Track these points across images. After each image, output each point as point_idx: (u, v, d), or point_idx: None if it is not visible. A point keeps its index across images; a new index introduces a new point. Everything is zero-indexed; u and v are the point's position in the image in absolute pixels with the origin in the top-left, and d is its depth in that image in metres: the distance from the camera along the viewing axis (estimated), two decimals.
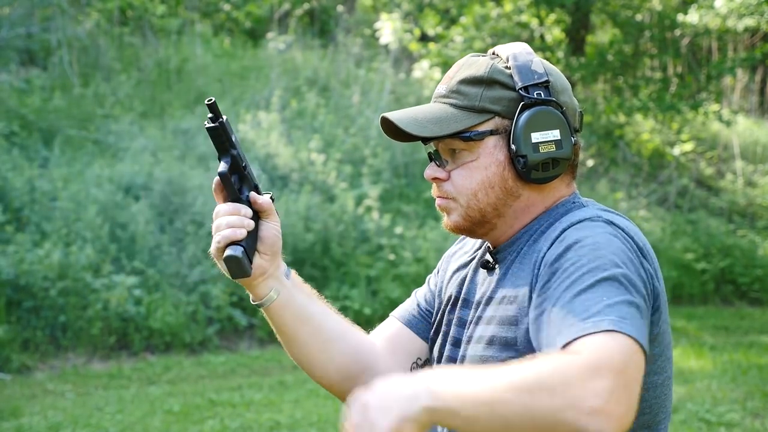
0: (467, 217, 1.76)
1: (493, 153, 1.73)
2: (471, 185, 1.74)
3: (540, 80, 1.72)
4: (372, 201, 9.68)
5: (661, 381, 1.70)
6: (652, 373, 1.67)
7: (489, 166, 1.73)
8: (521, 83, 1.71)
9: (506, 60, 1.75)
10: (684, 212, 11.99)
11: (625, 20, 12.68)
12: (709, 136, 13.75)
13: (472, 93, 1.73)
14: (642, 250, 1.64)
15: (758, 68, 15.26)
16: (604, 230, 1.63)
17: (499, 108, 1.72)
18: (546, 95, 1.72)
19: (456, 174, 1.76)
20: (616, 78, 12.88)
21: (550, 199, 1.77)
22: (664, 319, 1.67)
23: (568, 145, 1.73)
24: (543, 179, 1.73)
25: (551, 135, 1.71)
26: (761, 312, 10.17)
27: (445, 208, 1.79)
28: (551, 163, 1.72)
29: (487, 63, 1.75)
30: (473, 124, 1.72)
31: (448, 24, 13.70)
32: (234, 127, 10.23)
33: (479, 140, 1.72)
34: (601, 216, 1.67)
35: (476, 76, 1.74)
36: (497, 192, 1.74)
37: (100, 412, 6.25)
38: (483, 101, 1.72)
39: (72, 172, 8.91)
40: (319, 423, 6.06)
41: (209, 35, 13.09)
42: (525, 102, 1.71)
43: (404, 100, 11.85)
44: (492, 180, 1.73)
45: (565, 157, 1.72)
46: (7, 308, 7.49)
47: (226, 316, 8.21)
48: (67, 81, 10.62)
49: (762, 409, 6.33)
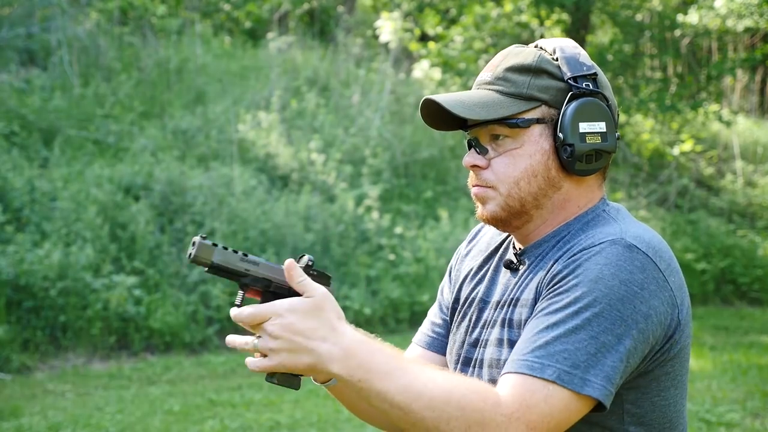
0: (506, 206, 1.74)
1: (538, 141, 1.72)
2: (514, 173, 1.72)
3: (589, 72, 1.72)
4: (372, 201, 9.68)
5: (681, 395, 1.72)
6: (672, 387, 1.68)
7: (534, 154, 1.72)
8: (570, 73, 1.71)
9: (553, 52, 1.75)
10: (684, 212, 11.99)
11: (625, 20, 12.68)
12: (709, 136, 13.75)
13: (519, 80, 1.73)
14: (665, 272, 1.63)
15: (758, 69, 15.26)
16: (620, 257, 1.61)
17: (546, 97, 1.72)
18: (594, 87, 1.72)
19: (498, 162, 1.74)
20: (616, 78, 12.87)
21: (584, 198, 1.76)
22: (685, 340, 1.68)
23: (613, 138, 1.73)
24: (586, 171, 1.72)
25: (598, 126, 1.71)
26: (761, 312, 10.17)
27: (482, 198, 1.76)
28: (595, 155, 1.72)
29: (535, 53, 1.75)
30: (520, 111, 1.71)
31: (448, 24, 13.70)
32: (234, 127, 10.26)
33: (525, 128, 1.71)
34: (624, 237, 1.64)
35: (524, 65, 1.73)
36: (539, 181, 1.72)
37: (100, 412, 6.25)
38: (531, 89, 1.72)
39: (72, 172, 8.91)
40: (319, 423, 6.06)
41: (209, 35, 13.09)
42: (574, 92, 1.71)
43: (404, 100, 11.85)
44: (536, 168, 1.72)
45: (610, 149, 1.72)
46: (7, 308, 7.49)
47: (226, 316, 8.21)
48: (67, 81, 10.62)
49: (762, 409, 6.33)
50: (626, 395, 1.64)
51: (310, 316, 1.55)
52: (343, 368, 1.54)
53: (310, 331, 1.54)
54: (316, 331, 1.54)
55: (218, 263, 1.62)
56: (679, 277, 1.68)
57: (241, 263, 1.64)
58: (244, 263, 1.64)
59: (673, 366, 1.66)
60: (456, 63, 12.62)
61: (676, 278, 1.66)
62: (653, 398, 1.66)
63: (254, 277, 1.64)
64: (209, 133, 10.19)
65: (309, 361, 1.54)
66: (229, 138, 10.13)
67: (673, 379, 1.67)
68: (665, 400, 1.67)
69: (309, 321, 1.55)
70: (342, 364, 1.54)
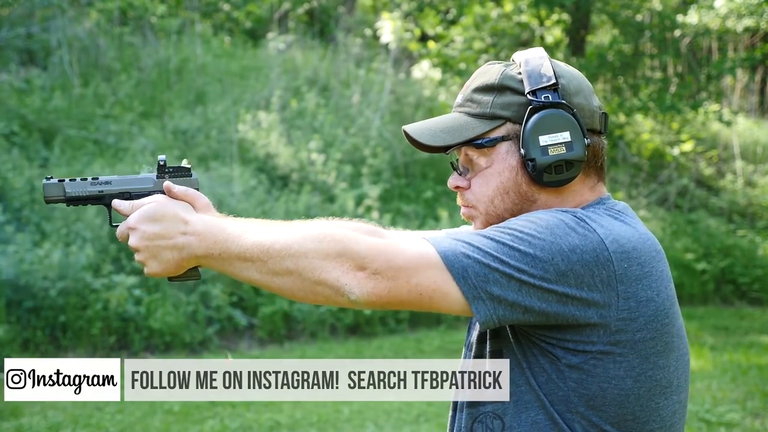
0: (488, 224, 1.78)
1: (506, 159, 1.74)
2: (488, 192, 1.76)
3: (548, 83, 1.72)
4: (372, 201, 9.68)
5: (650, 391, 1.69)
6: (628, 377, 1.66)
7: (502, 171, 1.75)
8: (529, 87, 1.72)
9: (519, 65, 1.76)
10: (684, 212, 11.99)
11: (625, 20, 12.67)
12: (709, 136, 13.75)
13: (483, 100, 1.75)
14: (625, 254, 1.64)
15: (758, 68, 15.26)
16: (555, 215, 1.66)
17: (509, 113, 1.74)
18: (554, 98, 1.72)
19: (474, 182, 1.78)
20: (616, 78, 12.87)
21: (570, 203, 1.77)
22: (638, 335, 1.65)
23: (580, 147, 1.72)
24: (556, 182, 1.73)
25: (560, 137, 1.71)
26: (761, 312, 10.17)
27: (469, 217, 1.82)
28: (564, 166, 1.72)
29: (499, 70, 1.77)
30: (485, 131, 1.74)
31: (447, 24, 13.70)
32: (234, 127, 10.26)
33: (492, 147, 1.74)
34: (576, 212, 1.68)
35: (488, 84, 1.76)
36: (513, 197, 1.75)
37: (100, 412, 6.25)
38: (494, 108, 1.74)
39: (72, 172, 8.91)
40: (319, 423, 6.06)
41: (209, 35, 13.09)
42: (533, 106, 1.71)
43: (404, 100, 11.85)
44: (506, 185, 1.75)
45: (578, 158, 1.72)
46: (7, 308, 7.49)
47: (226, 316, 8.21)
48: (67, 81, 10.62)
49: (762, 409, 6.33)
50: (569, 373, 1.65)
51: (158, 218, 1.72)
52: (205, 249, 1.70)
53: (164, 231, 1.72)
54: (168, 229, 1.72)
55: (71, 195, 1.76)
56: (649, 282, 1.66)
57: (93, 187, 1.78)
58: (96, 186, 1.78)
59: (622, 356, 1.65)
60: (456, 63, 12.62)
61: (638, 268, 1.65)
62: (601, 383, 1.65)
63: (111, 194, 1.78)
64: (209, 133, 10.19)
65: (176, 257, 1.72)
66: (229, 138, 10.13)
67: (628, 370, 1.66)
68: (619, 389, 1.66)
69: (158, 224, 1.72)
70: (202, 246, 1.70)
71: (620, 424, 1.68)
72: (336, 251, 1.62)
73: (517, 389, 1.71)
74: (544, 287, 1.61)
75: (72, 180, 1.77)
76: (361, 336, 8.54)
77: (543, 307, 1.62)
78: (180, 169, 1.82)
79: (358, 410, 6.29)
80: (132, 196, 1.79)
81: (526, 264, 1.60)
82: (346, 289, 1.62)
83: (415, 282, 1.62)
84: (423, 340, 8.36)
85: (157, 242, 1.72)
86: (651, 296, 1.66)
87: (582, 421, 1.67)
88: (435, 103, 12.06)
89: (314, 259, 1.62)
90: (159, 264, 1.73)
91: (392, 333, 8.59)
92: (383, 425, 6.00)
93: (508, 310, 1.62)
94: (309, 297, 1.66)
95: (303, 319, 8.43)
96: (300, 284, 1.64)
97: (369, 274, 1.62)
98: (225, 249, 1.68)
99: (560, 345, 1.65)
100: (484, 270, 1.61)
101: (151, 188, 1.81)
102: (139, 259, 1.74)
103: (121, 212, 1.78)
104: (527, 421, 1.69)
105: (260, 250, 1.65)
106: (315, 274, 1.63)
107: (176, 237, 1.71)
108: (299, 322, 8.47)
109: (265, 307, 8.29)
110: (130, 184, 1.79)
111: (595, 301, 1.62)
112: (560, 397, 1.67)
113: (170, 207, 1.74)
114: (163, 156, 1.81)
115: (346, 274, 1.62)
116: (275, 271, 1.65)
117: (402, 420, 6.10)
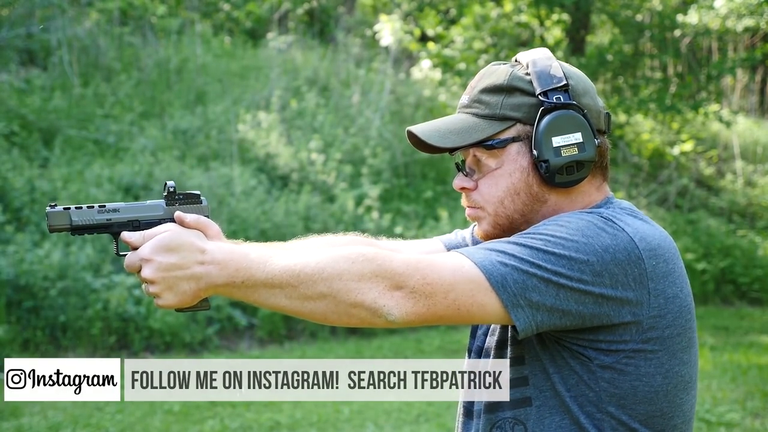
0: (496, 225, 1.77)
1: (516, 159, 1.74)
2: (497, 193, 1.76)
3: (559, 84, 1.72)
4: (372, 201, 9.68)
5: (677, 388, 1.71)
6: (658, 375, 1.68)
7: (513, 172, 1.74)
8: (540, 88, 1.72)
9: (526, 66, 1.76)
10: (684, 212, 11.99)
11: (625, 20, 12.67)
12: (709, 136, 13.75)
13: (492, 101, 1.75)
14: (653, 252, 1.65)
15: (758, 68, 15.26)
16: (581, 216, 1.67)
17: (520, 115, 1.73)
18: (566, 99, 1.72)
19: (483, 183, 1.77)
20: (616, 78, 12.87)
21: (579, 203, 1.77)
22: (667, 332, 1.68)
23: (591, 147, 1.73)
24: (568, 183, 1.73)
25: (573, 138, 1.72)
26: (761, 312, 10.17)
27: (475, 218, 1.81)
28: (575, 166, 1.73)
29: (506, 71, 1.76)
30: (495, 132, 1.74)
31: (447, 24, 13.70)
32: (234, 127, 10.26)
33: (502, 148, 1.74)
34: (602, 212, 1.69)
35: (496, 85, 1.75)
36: (523, 198, 1.75)
37: (100, 412, 6.25)
38: (504, 109, 1.74)
39: (72, 172, 8.92)
40: (319, 423, 6.06)
41: (209, 35, 13.09)
42: (545, 107, 1.71)
43: (404, 101, 11.85)
44: (517, 186, 1.75)
45: (589, 159, 1.73)
46: (7, 308, 7.49)
47: (226, 316, 8.22)
48: (67, 81, 10.62)
49: (762, 409, 6.33)
50: (601, 373, 1.66)
51: (174, 248, 1.62)
52: (226, 278, 1.61)
53: (181, 262, 1.62)
54: (185, 259, 1.62)
55: (78, 224, 1.65)
56: (674, 279, 1.68)
57: (100, 215, 1.67)
58: (103, 214, 1.67)
59: (653, 353, 1.66)
60: (456, 63, 12.62)
61: (665, 281, 1.66)
62: (633, 382, 1.66)
63: (119, 223, 1.68)
64: (209, 133, 10.19)
65: (193, 287, 1.63)
66: (229, 138, 10.13)
67: (657, 366, 1.67)
68: (649, 387, 1.67)
69: (174, 254, 1.62)
70: (223, 275, 1.61)
71: (648, 421, 1.69)
72: (371, 271, 1.58)
73: (540, 394, 1.70)
74: (581, 289, 1.61)
75: (78, 208, 1.67)
76: (361, 336, 8.54)
77: (580, 309, 1.62)
78: (190, 196, 1.73)
79: (358, 410, 6.29)
80: (141, 224, 1.70)
81: (563, 267, 1.60)
82: (384, 310, 1.58)
83: (453, 297, 1.60)
84: (423, 340, 8.36)
85: (174, 273, 1.62)
86: (676, 293, 1.68)
87: (611, 420, 1.67)
88: (435, 103, 12.06)
89: (349, 281, 1.58)
90: (175, 296, 1.64)
91: (392, 333, 8.59)
92: (383, 425, 6.00)
93: (546, 316, 1.61)
94: (343, 320, 1.61)
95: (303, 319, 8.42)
96: (334, 308, 1.60)
97: (406, 293, 1.58)
98: (249, 276, 1.60)
99: (592, 346, 1.66)
100: (522, 277, 1.60)
101: (161, 216, 1.72)
102: (153, 291, 1.64)
103: (132, 244, 1.67)
104: (551, 426, 1.69)
105: (290, 275, 1.59)
106: (351, 296, 1.58)
107: (193, 267, 1.62)
108: (299, 322, 8.47)
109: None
110: (138, 211, 1.70)
111: (629, 299, 1.63)
112: (590, 399, 1.67)
113: (185, 236, 1.64)
114: (172, 182, 1.73)
115: (383, 295, 1.58)
116: (307, 295, 1.60)
117: (402, 420, 6.10)
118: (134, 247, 1.66)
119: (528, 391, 1.71)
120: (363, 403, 6.36)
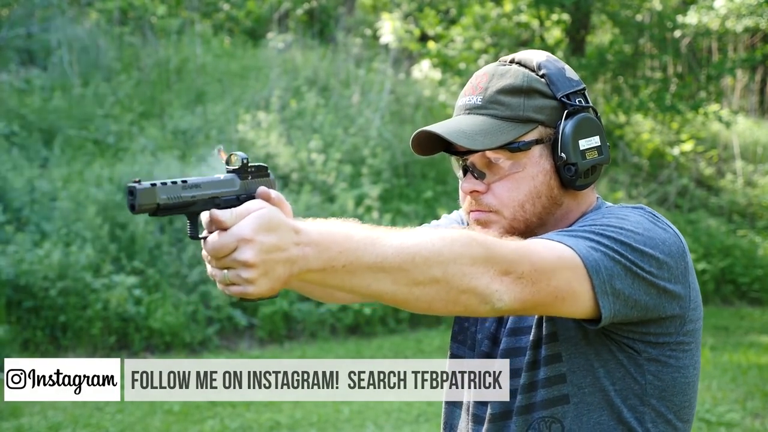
0: (511, 229, 1.74)
1: (539, 162, 1.74)
2: (518, 196, 1.74)
3: (578, 87, 1.74)
4: (372, 201, 9.68)
5: (697, 377, 1.76)
6: (691, 366, 1.73)
7: (536, 175, 1.74)
8: (562, 91, 1.73)
9: (537, 68, 1.75)
10: (684, 212, 11.99)
11: (625, 20, 12.67)
12: (709, 136, 13.75)
13: (513, 103, 1.73)
14: (686, 247, 1.71)
15: (758, 69, 15.26)
16: (632, 211, 1.71)
17: (542, 117, 1.73)
18: (585, 102, 1.74)
19: (500, 186, 1.74)
20: (616, 78, 12.87)
21: (583, 206, 1.79)
22: (697, 323, 1.73)
23: (607, 150, 1.76)
24: (585, 185, 1.75)
25: (594, 141, 1.74)
26: (761, 312, 10.17)
27: (485, 222, 1.76)
28: (592, 169, 1.75)
29: (522, 72, 1.75)
30: (520, 134, 1.72)
31: (447, 24, 13.70)
32: (233, 127, 10.26)
33: (526, 150, 1.72)
34: (644, 208, 1.74)
35: (515, 86, 1.74)
36: (543, 201, 1.74)
37: (100, 412, 6.25)
38: (527, 111, 1.72)
39: (72, 172, 8.92)
40: (319, 423, 6.06)
41: (209, 35, 13.09)
42: (569, 110, 1.72)
43: (404, 100, 11.85)
44: (539, 189, 1.74)
45: (605, 162, 1.76)
46: (7, 308, 7.49)
47: (226, 316, 8.22)
48: (67, 81, 10.62)
49: (762, 409, 6.33)
50: (647, 366, 1.68)
51: (273, 227, 1.40)
52: (325, 261, 1.42)
53: (280, 243, 1.40)
54: (283, 239, 1.40)
55: (165, 203, 1.44)
56: (694, 274, 1.74)
57: (185, 192, 1.46)
58: (188, 191, 1.46)
59: (689, 345, 1.71)
60: (456, 63, 12.61)
61: (693, 275, 1.73)
62: (673, 373, 1.70)
63: (203, 201, 1.47)
64: (209, 133, 10.19)
65: (286, 272, 1.41)
66: (229, 138, 10.12)
67: (690, 358, 1.72)
68: (685, 378, 1.71)
69: (274, 234, 1.39)
70: (321, 258, 1.42)
71: (679, 412, 1.73)
72: (483, 256, 1.50)
73: (579, 391, 1.70)
74: (649, 281, 1.63)
75: (164, 184, 1.43)
76: (361, 336, 8.54)
77: (646, 300, 1.64)
78: (260, 169, 1.52)
79: (358, 410, 6.29)
80: (220, 199, 1.47)
81: (637, 258, 1.62)
82: (495, 296, 1.51)
83: (554, 284, 1.57)
84: (423, 340, 8.36)
85: (274, 255, 1.39)
86: (698, 287, 1.74)
87: (651, 413, 1.70)
88: (435, 103, 12.06)
89: (464, 265, 1.48)
90: (269, 281, 1.40)
91: (392, 333, 8.59)
92: (383, 425, 6.00)
93: (622, 305, 1.62)
94: (449, 307, 1.51)
95: (303, 319, 8.43)
96: (444, 294, 1.49)
97: (514, 279, 1.53)
98: (355, 259, 1.42)
99: (642, 339, 1.68)
100: (611, 263, 1.60)
101: (237, 192, 1.50)
102: (248, 276, 1.39)
103: (223, 224, 1.40)
104: (589, 423, 1.70)
105: (403, 258, 1.45)
106: (465, 281, 1.48)
107: (290, 248, 1.40)
108: (299, 322, 8.47)
109: (265, 307, 8.29)
110: (217, 187, 1.47)
111: (679, 293, 1.67)
112: (635, 392, 1.69)
113: (278, 214, 1.42)
114: (243, 153, 1.50)
115: (494, 280, 1.51)
116: (418, 280, 1.46)
117: (402, 420, 6.10)
118: (223, 228, 1.40)
119: (566, 389, 1.70)
120: (363, 403, 6.36)
